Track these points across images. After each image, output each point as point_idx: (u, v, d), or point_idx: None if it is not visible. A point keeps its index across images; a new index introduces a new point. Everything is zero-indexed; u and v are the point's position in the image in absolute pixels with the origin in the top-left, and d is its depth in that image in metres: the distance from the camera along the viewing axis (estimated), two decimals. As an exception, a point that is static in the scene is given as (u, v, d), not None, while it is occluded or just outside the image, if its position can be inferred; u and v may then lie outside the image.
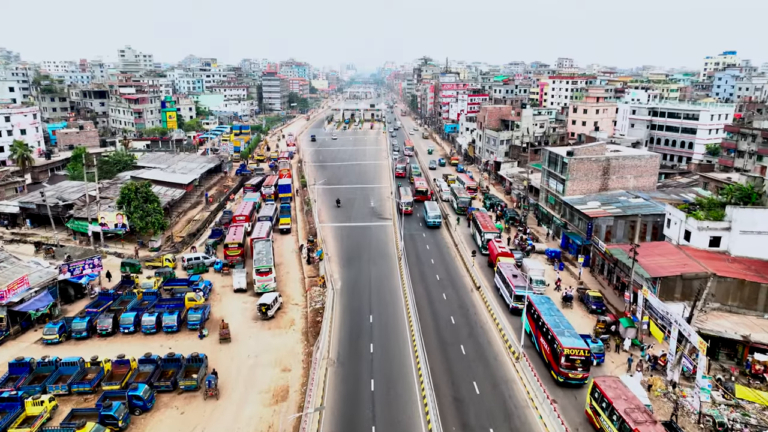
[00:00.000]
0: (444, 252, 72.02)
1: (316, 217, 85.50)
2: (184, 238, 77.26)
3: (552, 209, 79.76)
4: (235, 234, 70.84)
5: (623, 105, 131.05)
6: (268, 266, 60.01)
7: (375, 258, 68.84)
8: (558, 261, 67.86)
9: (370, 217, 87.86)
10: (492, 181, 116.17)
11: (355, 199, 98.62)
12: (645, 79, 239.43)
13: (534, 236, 77.93)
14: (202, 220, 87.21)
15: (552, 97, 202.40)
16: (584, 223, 68.35)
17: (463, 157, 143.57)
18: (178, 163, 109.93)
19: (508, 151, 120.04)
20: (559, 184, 76.87)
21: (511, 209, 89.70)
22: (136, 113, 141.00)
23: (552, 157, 79.63)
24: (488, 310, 53.43)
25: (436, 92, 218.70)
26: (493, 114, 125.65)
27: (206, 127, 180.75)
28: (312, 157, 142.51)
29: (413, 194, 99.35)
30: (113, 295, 54.82)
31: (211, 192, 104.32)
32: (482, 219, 75.14)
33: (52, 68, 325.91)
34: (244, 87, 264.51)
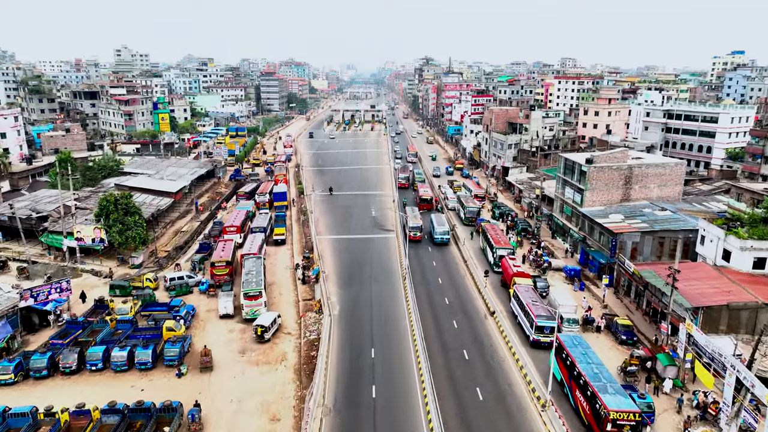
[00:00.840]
0: (452, 269, 65.87)
1: (313, 228, 79.40)
2: (169, 253, 71.13)
3: (568, 221, 73.64)
4: (223, 250, 64.72)
5: (636, 107, 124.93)
6: (258, 289, 53.99)
7: (377, 276, 62.71)
8: (578, 281, 61.71)
9: (372, 228, 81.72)
10: (499, 188, 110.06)
11: (355, 208, 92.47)
12: (653, 80, 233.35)
13: (549, 251, 71.80)
14: (190, 231, 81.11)
15: (558, 98, 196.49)
16: (607, 239, 62.23)
17: (468, 161, 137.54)
18: (167, 168, 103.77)
19: (517, 155, 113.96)
20: (577, 194, 70.75)
21: (522, 219, 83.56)
22: (126, 115, 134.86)
23: (568, 165, 73.51)
24: (506, 342, 47.27)
25: (438, 93, 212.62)
26: (500, 116, 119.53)
27: (201, 129, 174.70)
28: (310, 161, 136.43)
29: (417, 203, 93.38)
30: (83, 324, 48.69)
31: (202, 200, 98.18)
32: (493, 232, 68.98)
33: (48, 68, 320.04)
34: (241, 87, 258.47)
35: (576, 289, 60.25)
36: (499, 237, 67.35)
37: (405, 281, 59.91)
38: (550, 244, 74.77)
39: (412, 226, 74.95)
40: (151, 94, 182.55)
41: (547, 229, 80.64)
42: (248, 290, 53.83)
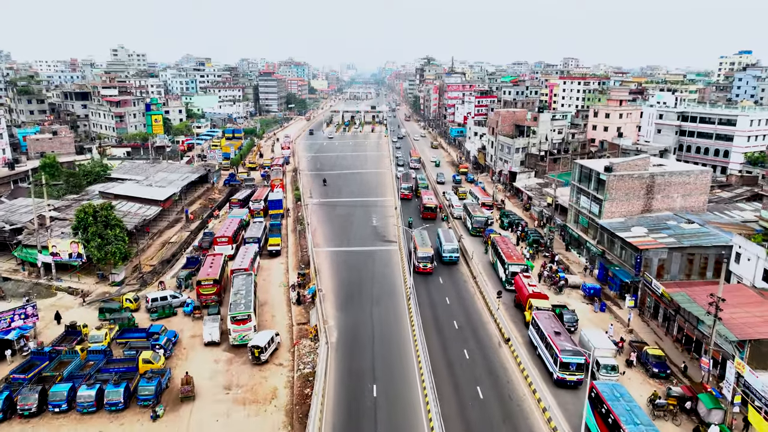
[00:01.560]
0: (460, 287, 60.62)
1: (310, 239, 74.20)
2: (155, 267, 65.91)
3: (584, 232, 68.44)
4: (211, 266, 59.48)
5: (648, 109, 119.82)
6: (246, 313, 48.80)
7: (379, 296, 57.46)
8: (598, 300, 56.48)
9: (373, 239, 76.50)
10: (507, 194, 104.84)
11: (354, 216, 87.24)
12: (659, 80, 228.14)
13: (565, 266, 66.57)
14: (179, 242, 75.95)
15: (563, 99, 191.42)
16: (629, 254, 57.04)
17: (472, 165, 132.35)
18: (157, 173, 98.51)
19: (524, 159, 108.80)
20: (594, 205, 65.54)
21: (533, 230, 78.37)
22: (117, 117, 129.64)
23: (585, 172, 68.29)
24: (524, 377, 42.03)
25: (440, 93, 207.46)
26: (507, 119, 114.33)
27: (197, 131, 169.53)
28: (309, 165, 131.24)
29: (420, 211, 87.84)
30: (50, 354, 43.44)
31: (193, 207, 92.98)
32: (504, 246, 63.74)
33: (45, 68, 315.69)
34: (239, 88, 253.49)
35: (596, 310, 55.05)
36: (511, 251, 62.09)
37: (409, 301, 54.71)
38: (565, 258, 69.55)
39: (422, 257, 62.91)
40: (145, 95, 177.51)
41: (560, 241, 75.42)
42: (236, 314, 48.68)
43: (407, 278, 59.14)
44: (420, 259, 63.11)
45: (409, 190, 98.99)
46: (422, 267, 62.81)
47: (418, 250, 64.22)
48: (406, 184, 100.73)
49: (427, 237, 67.90)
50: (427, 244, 65.40)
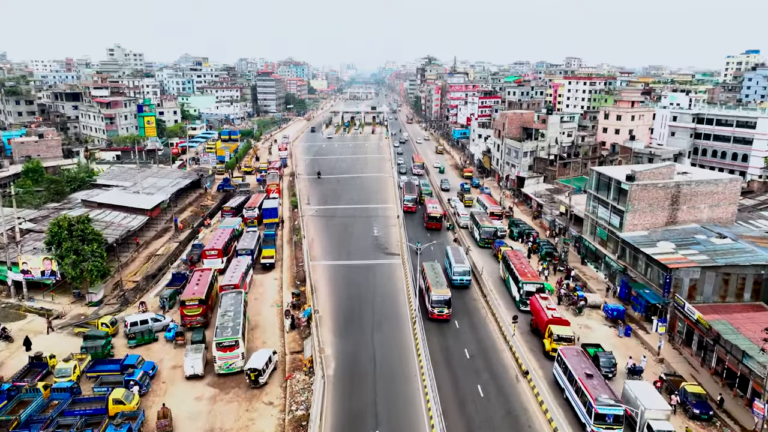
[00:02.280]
0: (470, 307, 55.46)
1: (306, 251, 69.08)
2: (138, 284, 60.86)
3: (602, 246, 63.30)
4: (198, 283, 54.43)
5: (662, 110, 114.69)
6: (234, 338, 43.93)
7: (381, 319, 52.30)
8: (623, 323, 51.38)
9: (374, 251, 71.35)
10: (514, 200, 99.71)
11: (354, 225, 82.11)
12: (667, 80, 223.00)
13: (582, 282, 61.46)
14: (167, 254, 70.85)
15: (568, 99, 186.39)
16: (656, 272, 51.96)
17: (477, 169, 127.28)
18: (147, 179, 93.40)
19: (532, 164, 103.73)
20: (615, 216, 60.39)
21: (545, 241, 73.23)
22: (107, 119, 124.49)
23: (603, 181, 63.16)
24: (548, 420, 36.87)
25: (442, 94, 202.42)
26: (514, 121, 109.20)
27: (192, 133, 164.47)
28: (307, 168, 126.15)
29: (425, 221, 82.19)
30: (8, 392, 38.36)
31: (183, 215, 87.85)
32: (517, 261, 58.59)
33: (41, 67, 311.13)
34: (237, 88, 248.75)
35: (621, 335, 49.95)
36: (525, 267, 56.90)
37: (415, 325, 49.59)
38: (581, 272, 64.41)
39: (437, 300, 50.38)
40: (138, 96, 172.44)
41: (574, 253, 70.30)
42: (222, 339, 43.80)
43: (412, 298, 53.90)
44: (434, 303, 50.95)
45: (412, 202, 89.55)
46: (437, 313, 50.70)
47: (431, 291, 51.65)
48: (409, 195, 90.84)
49: (441, 274, 56.32)
50: (442, 284, 53.27)
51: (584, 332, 50.14)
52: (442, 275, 55.62)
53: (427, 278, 54.89)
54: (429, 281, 53.91)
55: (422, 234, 78.09)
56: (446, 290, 51.91)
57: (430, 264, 58.73)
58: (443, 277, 55.01)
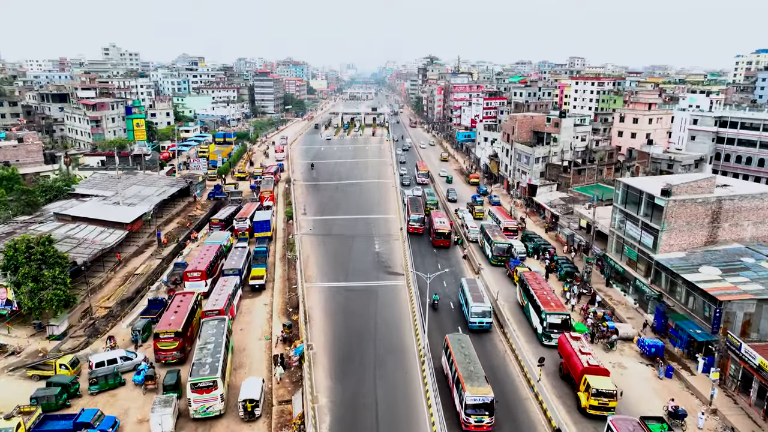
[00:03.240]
0: (485, 342, 48.63)
1: (300, 271, 62.35)
2: (111, 310, 54.17)
3: (632, 267, 56.52)
4: (176, 311, 47.82)
5: (681, 113, 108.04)
6: (212, 379, 37.75)
7: (384, 354, 45.59)
8: (662, 362, 44.64)
9: (375, 270, 64.56)
10: (526, 210, 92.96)
11: (354, 239, 75.35)
12: (676, 80, 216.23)
13: (609, 308, 54.69)
14: (147, 273, 64.19)
15: (575, 101, 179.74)
16: (700, 302, 45.25)
17: (483, 174, 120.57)
18: (130, 187, 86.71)
19: (544, 170, 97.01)
20: (647, 235, 53.63)
21: (562, 258, 66.40)
22: (93, 121, 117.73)
23: (632, 194, 56.40)
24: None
25: (445, 95, 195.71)
26: (524, 124, 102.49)
27: (185, 135, 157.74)
28: (304, 173, 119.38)
29: (432, 237, 74.09)
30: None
31: (169, 227, 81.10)
32: (538, 287, 51.79)
33: (35, 67, 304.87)
34: (234, 88, 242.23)
35: (661, 376, 43.21)
36: (547, 294, 50.10)
37: (424, 365, 42.86)
38: (606, 296, 57.64)
39: (474, 404, 35.58)
40: (132, 96, 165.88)
41: (597, 272, 63.50)
42: (197, 379, 37.78)
43: (421, 338, 47.00)
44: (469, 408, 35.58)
45: (420, 223, 76.88)
46: (474, 424, 35.57)
47: (464, 388, 36.05)
48: (416, 214, 77.91)
49: (474, 358, 39.71)
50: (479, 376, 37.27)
51: (618, 372, 43.42)
52: (477, 361, 39.31)
53: (454, 362, 39.22)
54: (458, 369, 38.15)
55: (428, 251, 71.28)
56: (486, 388, 36.18)
57: (457, 340, 42.43)
58: (478, 364, 38.93)
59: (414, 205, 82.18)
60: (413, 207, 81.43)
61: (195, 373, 38.55)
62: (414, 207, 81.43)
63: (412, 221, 77.13)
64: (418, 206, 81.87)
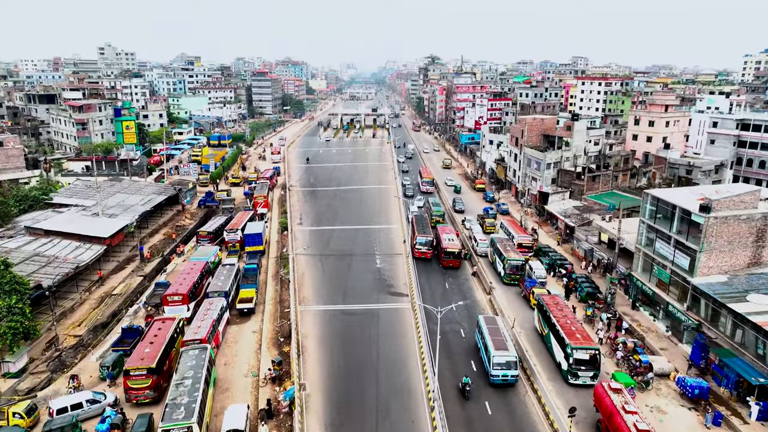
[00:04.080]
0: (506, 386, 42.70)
1: (294, 292, 56.50)
2: (81, 339, 48.34)
3: (663, 289, 50.66)
4: (151, 343, 42.12)
5: (699, 115, 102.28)
6: (186, 424, 32.74)
7: (388, 396, 39.71)
8: (709, 407, 38.76)
9: (377, 291, 58.64)
10: (537, 219, 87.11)
11: (354, 255, 69.44)
12: (685, 81, 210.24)
13: (638, 336, 48.78)
14: (126, 293, 58.41)
15: (581, 101, 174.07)
16: (750, 337, 39.42)
17: (489, 179, 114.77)
18: (114, 195, 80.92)
19: (556, 177, 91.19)
20: (682, 256, 47.78)
21: (582, 276, 60.42)
22: (78, 124, 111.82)
23: (664, 209, 50.56)
24: None
25: (448, 95, 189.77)
26: (534, 127, 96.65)
27: (178, 138, 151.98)
28: (301, 178, 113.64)
29: (440, 258, 65.74)
30: None
31: (153, 240, 75.22)
32: (559, 314, 45.85)
33: (30, 67, 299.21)
34: (231, 88, 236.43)
35: (708, 425, 37.31)
36: (571, 324, 44.12)
37: (434, 410, 37.02)
38: (633, 321, 51.78)
39: None
40: (119, 98, 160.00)
41: (621, 292, 57.60)
42: (170, 426, 32.83)
43: (430, 380, 41.05)
44: None
45: (428, 246, 66.14)
46: None
47: None
48: (423, 236, 66.78)
49: None
50: None
51: (656, 418, 37.60)
52: None
53: None
54: None
55: (436, 270, 64.79)
56: None
57: None
58: None
59: (420, 225, 71.23)
60: (419, 226, 70.62)
61: (167, 418, 33.47)
62: (420, 226, 70.59)
63: (419, 245, 66.59)
64: (425, 225, 71.51)
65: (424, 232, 68.34)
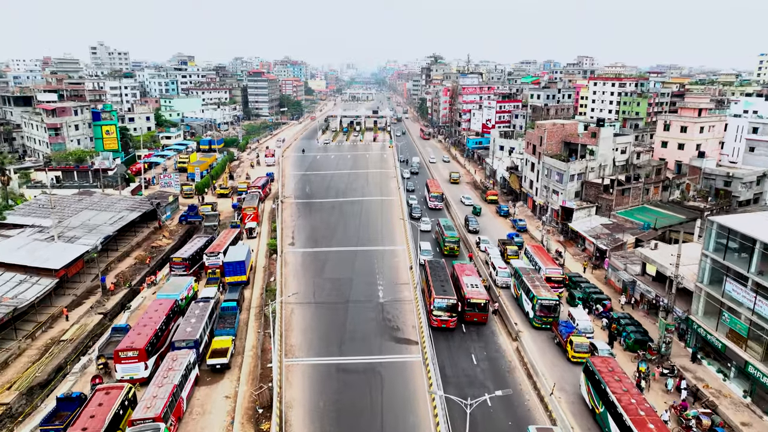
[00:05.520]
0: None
1: (279, 346, 46.42)
2: (9, 408, 38.42)
3: (739, 343, 40.61)
4: (84, 429, 32.20)
5: (737, 120, 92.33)
6: None
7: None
8: None
9: (380, 335, 48.51)
10: (559, 238, 77.11)
11: (353, 285, 59.43)
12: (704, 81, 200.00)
13: (710, 404, 38.73)
14: (79, 338, 48.55)
15: (593, 103, 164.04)
16: None
17: (501, 189, 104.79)
18: (80, 213, 71.11)
19: (580, 190, 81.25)
20: (764, 302, 37.77)
21: (624, 316, 50.24)
22: (51, 129, 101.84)
23: (736, 240, 40.50)
24: None
25: (453, 97, 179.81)
26: (554, 134, 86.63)
27: (166, 142, 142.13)
28: (296, 188, 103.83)
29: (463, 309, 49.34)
30: None
31: (123, 266, 65.23)
32: (618, 386, 35.34)
33: (21, 67, 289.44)
34: (226, 89, 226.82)
35: None
36: (637, 403, 33.77)
37: None
38: (696, 379, 41.77)
39: None
40: (103, 99, 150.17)
41: (676, 340, 47.50)
42: None
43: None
44: None
45: (450, 313, 48.11)
46: None
47: None
48: (442, 297, 48.04)
49: None
50: None
51: None
52: None
53: None
54: None
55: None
56: None
57: None
58: None
59: (437, 277, 51.67)
60: (436, 279, 51.11)
61: None
62: (437, 280, 50.97)
63: (438, 309, 47.88)
64: (444, 279, 51.62)
65: (443, 291, 49.18)
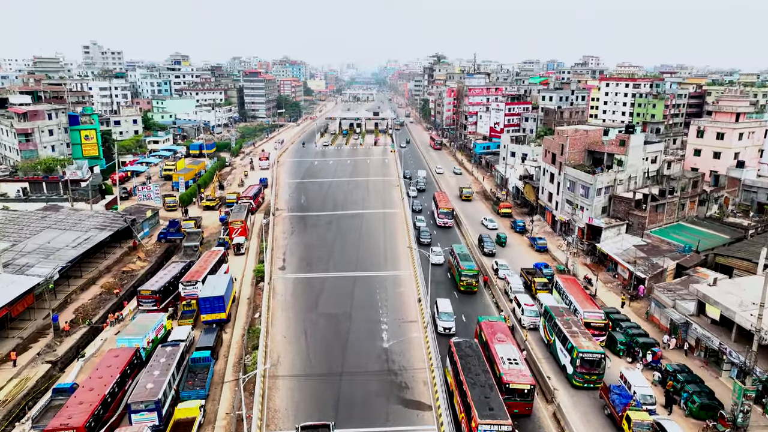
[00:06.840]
0: None
1: (256, 416, 37.45)
2: None
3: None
4: None
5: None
6: None
7: None
8: None
9: (385, 398, 39.42)
10: (585, 260, 68.08)
11: (351, 325, 50.34)
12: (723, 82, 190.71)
13: None
14: (16, 398, 39.60)
15: (605, 105, 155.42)
16: None
17: (514, 200, 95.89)
18: (40, 233, 62.19)
19: (608, 205, 72.31)
20: None
21: (680, 368, 41.23)
22: (21, 135, 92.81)
23: None
24: None
25: (458, 98, 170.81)
26: (577, 142, 77.65)
27: (154, 147, 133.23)
28: (290, 199, 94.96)
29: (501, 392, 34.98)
30: None
31: (87, 296, 56.19)
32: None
33: (13, 66, 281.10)
34: (221, 90, 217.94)
35: None
36: None
37: None
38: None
39: None
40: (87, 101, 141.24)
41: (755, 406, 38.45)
42: None
43: None
44: None
45: None
46: None
47: None
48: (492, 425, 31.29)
49: None
50: None
51: None
52: None
53: None
54: None
55: None
56: None
57: None
58: None
59: (474, 378, 35.44)
60: (475, 385, 34.72)
61: None
62: (477, 385, 34.69)
63: None
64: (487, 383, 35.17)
65: (490, 410, 32.30)
